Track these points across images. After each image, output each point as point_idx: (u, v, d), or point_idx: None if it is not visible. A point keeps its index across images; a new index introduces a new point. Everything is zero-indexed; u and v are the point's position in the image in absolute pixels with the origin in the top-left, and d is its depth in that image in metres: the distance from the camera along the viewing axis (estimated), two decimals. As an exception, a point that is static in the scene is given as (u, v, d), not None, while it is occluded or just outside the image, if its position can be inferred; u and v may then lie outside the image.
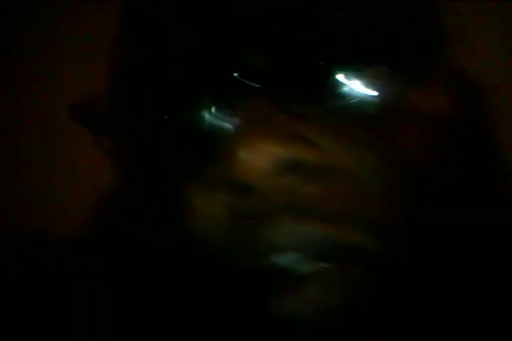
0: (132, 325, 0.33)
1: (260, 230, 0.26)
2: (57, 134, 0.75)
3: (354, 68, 0.27)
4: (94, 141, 0.30)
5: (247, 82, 0.26)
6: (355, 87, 0.27)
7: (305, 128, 0.26)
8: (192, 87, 0.28)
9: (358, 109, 0.26)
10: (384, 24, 0.27)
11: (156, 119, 0.29)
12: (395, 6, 0.28)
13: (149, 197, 0.30)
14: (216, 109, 0.27)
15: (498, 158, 0.32)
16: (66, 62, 0.74)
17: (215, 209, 0.27)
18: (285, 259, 0.26)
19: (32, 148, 0.76)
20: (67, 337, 0.32)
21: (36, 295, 0.33)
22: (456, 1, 0.32)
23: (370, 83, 0.27)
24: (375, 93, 0.27)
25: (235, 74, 0.26)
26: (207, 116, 0.27)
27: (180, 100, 0.28)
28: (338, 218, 0.26)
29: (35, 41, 0.75)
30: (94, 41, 0.72)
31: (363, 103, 0.26)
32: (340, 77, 0.27)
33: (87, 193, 0.41)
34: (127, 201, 0.34)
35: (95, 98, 0.29)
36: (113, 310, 0.33)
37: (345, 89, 0.27)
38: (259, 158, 0.25)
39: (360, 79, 0.27)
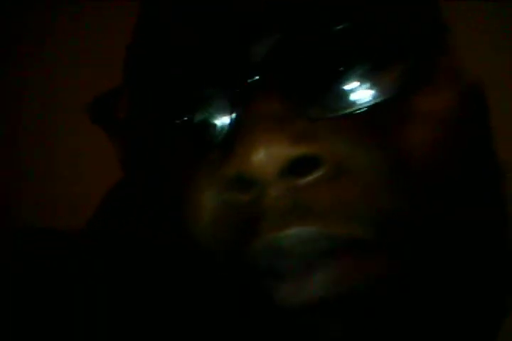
0: (132, 325, 0.33)
1: (269, 230, 0.26)
2: (57, 133, 0.75)
3: (366, 72, 0.27)
4: (109, 140, 0.30)
5: (262, 83, 0.26)
6: (367, 90, 0.27)
7: (320, 131, 0.26)
8: (205, 85, 0.28)
9: (370, 112, 0.26)
10: (390, 26, 0.27)
11: (166, 119, 0.29)
12: (397, 7, 0.28)
13: (150, 196, 0.30)
14: (229, 108, 0.27)
15: (494, 158, 0.32)
16: (66, 62, 0.74)
17: (225, 209, 0.27)
18: (291, 258, 0.26)
19: (32, 147, 0.76)
20: (67, 337, 0.32)
21: (36, 295, 0.33)
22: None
23: (381, 86, 0.27)
24: (387, 96, 0.27)
25: (255, 77, 0.26)
26: (219, 115, 0.27)
27: (191, 99, 0.28)
28: (350, 218, 0.26)
29: (35, 41, 0.75)
30: (94, 41, 0.72)
31: (375, 107, 0.27)
32: (352, 81, 0.27)
33: (88, 193, 0.41)
34: (128, 200, 0.34)
35: (113, 96, 0.29)
36: (113, 310, 0.33)
37: (358, 93, 0.27)
38: (273, 157, 0.25)
39: (372, 83, 0.27)
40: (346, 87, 0.27)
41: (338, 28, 0.26)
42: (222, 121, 0.27)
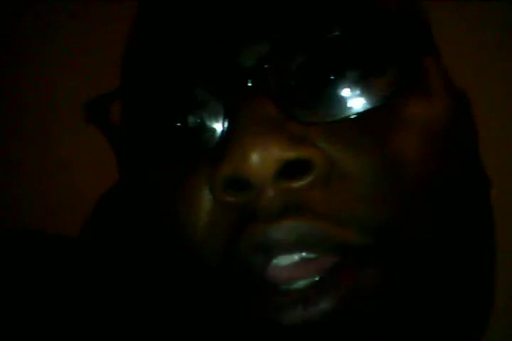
0: (131, 326, 0.33)
1: (264, 231, 0.26)
2: (56, 134, 0.75)
3: (358, 77, 0.27)
4: (106, 140, 0.30)
5: (256, 88, 0.26)
6: (359, 96, 0.27)
7: (313, 135, 0.26)
8: (199, 89, 0.28)
9: (363, 118, 0.27)
10: (380, 33, 0.27)
11: (161, 122, 0.29)
12: (386, 15, 0.28)
13: (145, 199, 0.30)
14: (223, 112, 0.27)
15: (480, 164, 0.32)
16: (66, 62, 0.74)
17: (220, 211, 0.27)
18: (288, 260, 0.26)
19: (30, 149, 0.76)
20: (67, 338, 0.32)
21: (36, 295, 0.33)
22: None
23: (373, 92, 0.27)
24: (379, 102, 0.27)
25: (249, 81, 0.26)
26: (213, 118, 0.27)
27: (186, 102, 0.28)
28: (342, 220, 0.26)
29: (36, 41, 0.75)
30: (93, 41, 0.73)
31: (368, 112, 0.27)
32: (345, 86, 0.27)
33: (86, 193, 0.41)
34: (123, 203, 0.34)
35: (109, 97, 0.29)
36: (112, 311, 0.33)
37: (351, 98, 0.27)
38: (269, 159, 0.25)
39: (364, 89, 0.27)
40: (339, 93, 0.27)
41: (331, 35, 0.26)
42: (217, 124, 0.27)
